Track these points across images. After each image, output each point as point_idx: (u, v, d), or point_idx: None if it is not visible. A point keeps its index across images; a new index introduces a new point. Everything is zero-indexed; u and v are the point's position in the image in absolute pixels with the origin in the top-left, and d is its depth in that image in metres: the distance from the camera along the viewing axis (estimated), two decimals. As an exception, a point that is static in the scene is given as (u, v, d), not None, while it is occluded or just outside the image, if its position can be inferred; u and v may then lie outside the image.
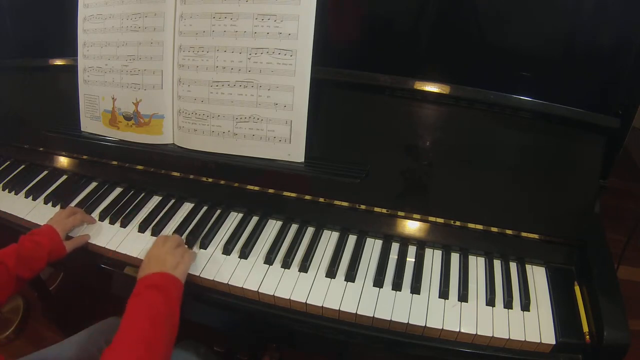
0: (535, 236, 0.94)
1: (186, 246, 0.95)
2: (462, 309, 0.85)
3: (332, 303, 0.86)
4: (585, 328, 0.81)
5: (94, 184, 1.17)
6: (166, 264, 0.84)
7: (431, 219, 0.97)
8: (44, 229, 0.95)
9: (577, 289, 0.88)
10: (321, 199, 1.01)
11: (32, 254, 0.89)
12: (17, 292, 0.93)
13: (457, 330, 0.82)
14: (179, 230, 1.01)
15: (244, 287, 0.89)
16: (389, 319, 0.83)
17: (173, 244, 0.90)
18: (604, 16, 0.89)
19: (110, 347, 0.70)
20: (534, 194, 0.93)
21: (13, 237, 0.92)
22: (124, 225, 1.03)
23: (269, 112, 0.97)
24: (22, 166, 1.26)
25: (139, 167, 1.14)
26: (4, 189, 1.18)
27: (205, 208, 1.08)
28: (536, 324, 0.83)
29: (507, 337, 0.81)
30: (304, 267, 0.92)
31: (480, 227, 0.95)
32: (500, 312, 0.85)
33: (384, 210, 0.98)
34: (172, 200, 1.10)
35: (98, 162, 1.18)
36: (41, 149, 1.24)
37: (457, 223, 0.96)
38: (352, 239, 0.99)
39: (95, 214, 1.07)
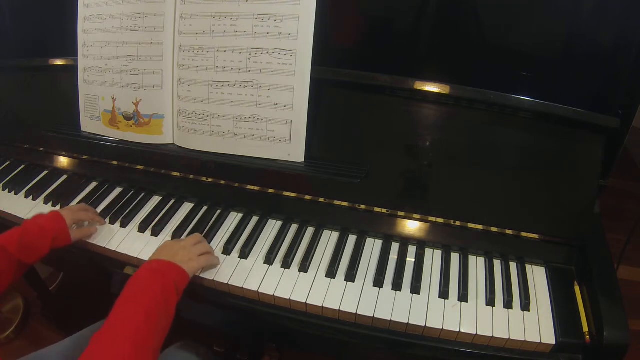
0: (535, 236, 0.94)
1: (208, 247, 0.93)
2: (462, 309, 0.85)
3: (332, 303, 0.86)
4: (585, 328, 0.81)
5: (94, 184, 1.18)
6: (176, 257, 0.83)
7: (431, 219, 0.97)
8: (51, 214, 0.94)
9: (577, 289, 0.88)
10: (321, 199, 1.01)
11: (35, 239, 0.87)
12: (18, 281, 0.91)
13: (457, 330, 0.82)
14: (179, 230, 1.01)
15: (243, 287, 0.89)
16: (389, 319, 0.83)
17: (191, 241, 0.90)
18: (603, 16, 0.89)
19: (100, 331, 0.69)
20: (534, 193, 0.93)
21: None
22: (124, 225, 1.03)
23: (269, 112, 0.97)
24: (22, 166, 1.26)
25: (139, 167, 1.14)
26: (4, 189, 1.18)
27: (205, 208, 1.08)
28: (536, 324, 0.83)
29: (507, 337, 0.81)
30: (304, 267, 0.92)
31: (480, 227, 0.95)
32: (500, 312, 0.85)
33: (384, 210, 0.98)
34: (172, 200, 1.10)
35: (98, 162, 1.18)
36: (41, 149, 1.24)
37: (457, 223, 0.96)
38: (352, 239, 0.99)
39: (96, 214, 1.07)
